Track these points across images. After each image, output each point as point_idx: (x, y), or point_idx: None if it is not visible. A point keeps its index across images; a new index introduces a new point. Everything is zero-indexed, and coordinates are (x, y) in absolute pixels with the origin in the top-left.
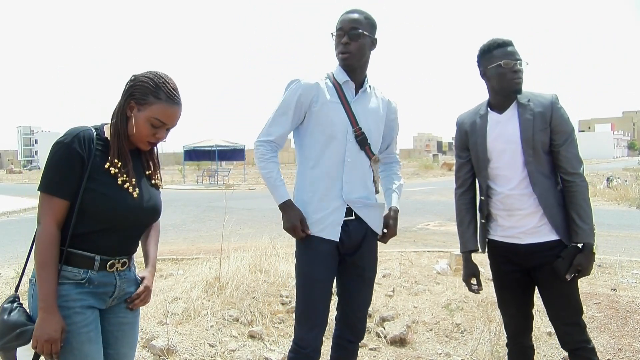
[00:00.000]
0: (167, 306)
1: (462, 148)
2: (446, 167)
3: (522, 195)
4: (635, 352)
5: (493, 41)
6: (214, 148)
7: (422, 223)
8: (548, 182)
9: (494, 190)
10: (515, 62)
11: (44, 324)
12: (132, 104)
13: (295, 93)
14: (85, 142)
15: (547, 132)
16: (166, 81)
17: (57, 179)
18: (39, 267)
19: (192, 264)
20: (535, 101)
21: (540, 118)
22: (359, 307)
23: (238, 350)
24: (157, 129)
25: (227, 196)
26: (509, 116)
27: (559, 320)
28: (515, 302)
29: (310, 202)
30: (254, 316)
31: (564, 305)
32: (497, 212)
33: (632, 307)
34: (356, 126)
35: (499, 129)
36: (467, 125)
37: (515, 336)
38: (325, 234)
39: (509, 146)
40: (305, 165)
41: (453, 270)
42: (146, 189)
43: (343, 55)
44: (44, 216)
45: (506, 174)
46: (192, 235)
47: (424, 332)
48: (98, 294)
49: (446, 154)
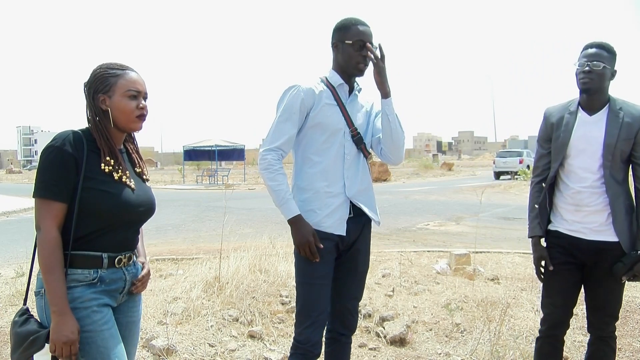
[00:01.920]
0: (166, 306)
1: (545, 139)
2: (446, 167)
3: (593, 194)
4: (635, 352)
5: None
6: (213, 148)
7: (422, 223)
8: (619, 188)
9: (566, 185)
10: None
11: (59, 327)
12: (102, 97)
13: (297, 98)
14: (77, 144)
15: (630, 143)
16: (108, 63)
17: (53, 182)
18: (46, 272)
19: (192, 263)
20: (626, 111)
21: (627, 128)
22: (350, 300)
23: (238, 350)
24: (136, 100)
25: (226, 196)
26: (597, 119)
27: (601, 311)
28: (563, 292)
29: (313, 200)
30: (254, 316)
31: (609, 299)
32: (565, 206)
33: (631, 306)
34: (352, 126)
35: (585, 129)
36: (555, 118)
37: (552, 327)
38: (333, 229)
39: (590, 147)
40: (304, 165)
41: (453, 270)
42: (139, 183)
43: (362, 66)
44: (44, 221)
45: (580, 172)
46: (191, 235)
47: (424, 332)
48: (110, 291)
49: (446, 154)
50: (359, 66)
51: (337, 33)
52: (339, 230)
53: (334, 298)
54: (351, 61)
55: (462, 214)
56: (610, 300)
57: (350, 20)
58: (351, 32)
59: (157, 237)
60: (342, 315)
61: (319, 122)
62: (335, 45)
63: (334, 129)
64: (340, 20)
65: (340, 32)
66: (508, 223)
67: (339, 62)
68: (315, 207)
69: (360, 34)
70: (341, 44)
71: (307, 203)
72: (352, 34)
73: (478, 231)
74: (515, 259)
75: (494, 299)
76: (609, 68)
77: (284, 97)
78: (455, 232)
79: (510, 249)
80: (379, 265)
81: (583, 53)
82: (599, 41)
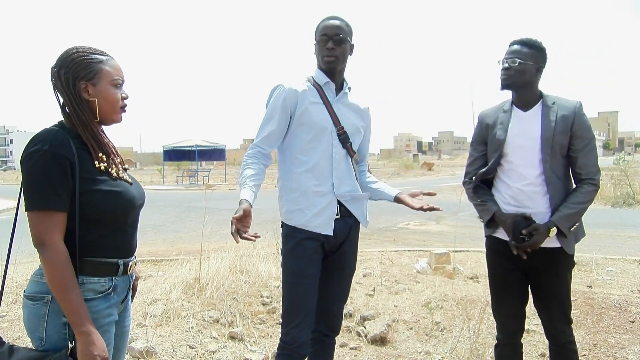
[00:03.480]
0: (146, 308)
1: (480, 142)
2: (426, 166)
3: (534, 193)
4: (609, 347)
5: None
6: (193, 148)
7: (403, 222)
8: (560, 184)
9: (507, 184)
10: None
11: (90, 347)
12: (84, 85)
13: (280, 97)
14: (65, 143)
15: (567, 136)
16: (85, 47)
17: (51, 190)
18: (64, 291)
19: (172, 265)
20: (560, 105)
21: (563, 121)
22: (335, 301)
23: (218, 352)
24: (120, 89)
25: (207, 196)
26: (532, 114)
27: (552, 318)
28: (513, 302)
29: (301, 200)
30: (235, 317)
31: (558, 304)
32: (506, 207)
33: (606, 303)
34: (339, 125)
35: (522, 126)
36: (490, 119)
37: (510, 336)
38: (320, 229)
39: (528, 143)
40: (291, 165)
41: (433, 269)
42: (129, 175)
43: (329, 58)
44: (49, 236)
45: (521, 170)
46: (171, 236)
47: (404, 330)
48: (118, 303)
49: (426, 154)
50: (324, 59)
51: (314, 33)
52: (326, 230)
53: (319, 299)
54: (320, 56)
55: (442, 214)
56: (560, 305)
57: (322, 18)
58: (318, 28)
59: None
60: (326, 317)
61: (304, 122)
62: (314, 45)
63: (320, 128)
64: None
65: (315, 32)
66: None
67: (318, 60)
68: (303, 206)
69: (324, 28)
70: (315, 43)
71: (295, 203)
72: (319, 30)
73: (458, 230)
74: None
75: (473, 297)
76: (530, 64)
77: (269, 97)
78: (435, 232)
79: None
80: (360, 264)
81: (506, 50)
82: (522, 38)
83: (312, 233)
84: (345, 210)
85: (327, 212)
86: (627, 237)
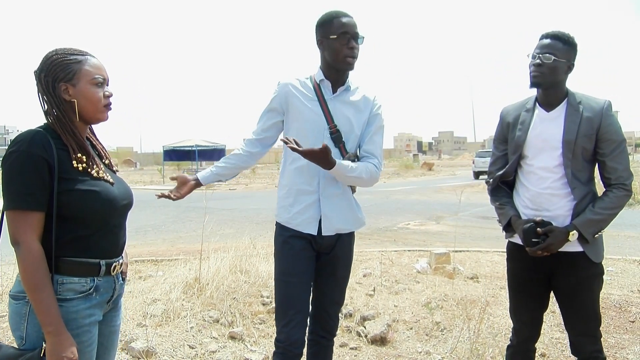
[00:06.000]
0: (146, 308)
1: (501, 140)
2: (426, 166)
3: (554, 197)
4: (609, 347)
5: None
6: (194, 148)
7: (403, 222)
8: (585, 188)
9: (525, 187)
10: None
11: (58, 348)
12: (64, 86)
13: (274, 93)
14: (44, 144)
15: (592, 140)
16: (65, 48)
17: (27, 190)
18: (35, 290)
19: (172, 265)
20: (586, 105)
21: (587, 124)
22: (330, 304)
23: (218, 352)
24: (102, 87)
25: (207, 196)
26: (555, 115)
27: (575, 331)
28: (530, 308)
29: (287, 197)
30: (235, 317)
31: (583, 317)
32: (524, 210)
33: (607, 303)
34: (331, 123)
35: (543, 127)
36: (511, 117)
37: (523, 342)
38: (302, 227)
39: (548, 145)
40: (286, 162)
41: (433, 269)
42: (113, 176)
43: (350, 59)
44: (23, 235)
45: (540, 173)
46: (171, 236)
47: (404, 330)
48: (101, 303)
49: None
50: (347, 60)
51: (320, 29)
52: (309, 229)
53: (314, 301)
54: (339, 56)
55: (442, 214)
56: (585, 318)
57: (332, 14)
58: (334, 25)
59: (137, 239)
60: (322, 320)
61: (296, 118)
62: (320, 42)
63: (311, 125)
64: (322, 16)
65: (324, 28)
66: (487, 222)
67: (327, 59)
68: (288, 203)
69: (343, 25)
70: (326, 40)
71: (283, 199)
72: (335, 28)
73: (458, 230)
74: (494, 257)
75: (473, 297)
76: (564, 61)
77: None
78: (435, 232)
79: (490, 248)
80: (360, 265)
81: (537, 44)
82: (555, 31)
83: (298, 231)
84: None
85: (310, 211)
86: (627, 237)
